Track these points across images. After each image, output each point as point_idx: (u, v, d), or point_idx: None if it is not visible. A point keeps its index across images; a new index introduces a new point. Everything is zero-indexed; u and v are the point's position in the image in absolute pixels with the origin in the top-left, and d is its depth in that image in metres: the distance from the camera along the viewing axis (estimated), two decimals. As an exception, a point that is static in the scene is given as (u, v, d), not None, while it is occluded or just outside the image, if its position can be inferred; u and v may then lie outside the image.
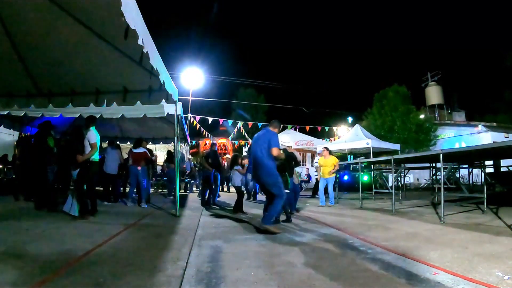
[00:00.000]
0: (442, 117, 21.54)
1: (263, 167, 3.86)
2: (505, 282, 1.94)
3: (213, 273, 2.18)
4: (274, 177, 3.87)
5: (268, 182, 3.89)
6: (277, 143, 3.88)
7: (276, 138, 3.93)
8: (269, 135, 3.96)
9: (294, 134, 15.46)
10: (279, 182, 3.87)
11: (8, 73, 4.49)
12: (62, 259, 2.40)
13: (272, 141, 3.86)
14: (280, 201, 3.82)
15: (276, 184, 3.85)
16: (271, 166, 3.86)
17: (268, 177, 3.87)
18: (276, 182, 3.86)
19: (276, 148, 3.82)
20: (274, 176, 3.87)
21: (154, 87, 4.54)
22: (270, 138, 3.89)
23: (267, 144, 3.85)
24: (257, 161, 3.94)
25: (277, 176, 3.88)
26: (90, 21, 3.32)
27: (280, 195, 3.82)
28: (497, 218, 4.54)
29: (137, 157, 6.29)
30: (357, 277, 2.10)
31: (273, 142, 3.85)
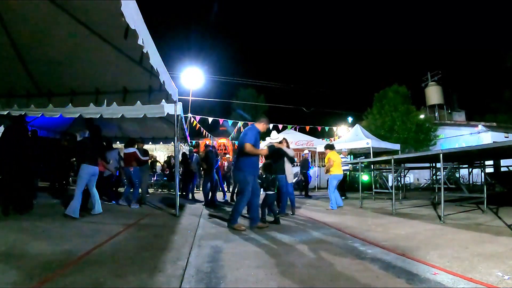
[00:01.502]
0: (442, 117, 21.54)
1: (238, 162, 3.91)
2: (505, 282, 1.94)
3: (213, 273, 2.18)
4: (241, 174, 3.85)
5: (236, 177, 3.94)
6: (250, 138, 3.81)
7: (250, 133, 3.86)
8: (247, 130, 3.95)
9: (294, 134, 15.44)
10: (246, 182, 3.82)
11: (8, 73, 4.49)
12: (62, 259, 2.40)
13: (246, 135, 3.83)
14: (242, 199, 3.81)
15: (240, 180, 3.85)
16: (243, 163, 3.85)
17: (238, 172, 3.90)
18: (241, 179, 3.84)
19: (247, 143, 3.75)
20: (241, 173, 3.85)
21: (154, 87, 4.54)
22: (246, 133, 3.88)
23: (242, 139, 3.86)
24: (237, 156, 4.03)
25: (243, 173, 3.84)
26: (90, 21, 3.32)
27: (242, 193, 3.81)
28: (497, 218, 4.54)
29: (126, 158, 6.26)
30: (357, 277, 2.10)
31: (246, 137, 3.81)
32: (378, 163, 8.91)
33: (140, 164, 6.28)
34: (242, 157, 3.84)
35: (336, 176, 6.23)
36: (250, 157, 3.85)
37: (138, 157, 6.17)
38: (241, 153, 3.83)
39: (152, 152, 14.82)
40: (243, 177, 3.83)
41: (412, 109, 17.91)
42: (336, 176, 6.23)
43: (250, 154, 3.79)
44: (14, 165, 4.31)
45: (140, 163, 6.27)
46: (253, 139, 3.83)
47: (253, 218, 3.93)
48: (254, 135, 3.87)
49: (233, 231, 3.76)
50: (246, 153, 3.77)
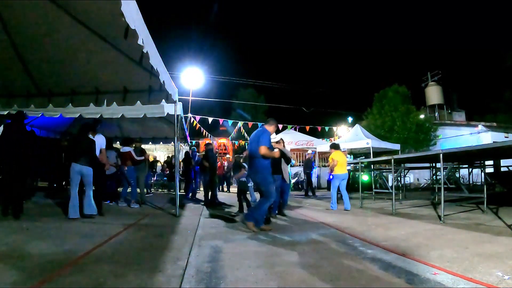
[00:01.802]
0: (442, 117, 21.55)
1: (253, 165, 3.88)
2: (505, 282, 1.94)
3: (213, 273, 2.18)
4: (262, 176, 3.83)
5: (256, 180, 3.89)
6: (266, 141, 3.83)
7: (266, 136, 3.89)
8: (260, 133, 3.94)
9: (294, 134, 15.46)
10: (267, 182, 3.82)
11: (8, 73, 4.49)
12: (62, 259, 2.40)
13: (262, 138, 3.83)
14: (265, 201, 3.79)
15: (263, 183, 3.82)
16: (260, 164, 3.84)
17: (256, 175, 3.88)
18: (264, 181, 3.82)
19: (263, 146, 3.77)
20: (263, 175, 3.83)
21: (154, 87, 4.54)
22: (260, 136, 3.87)
23: (256, 142, 3.85)
24: (250, 159, 3.98)
25: (266, 175, 3.84)
26: (90, 21, 3.32)
27: (267, 195, 3.79)
28: (497, 218, 4.54)
29: (122, 157, 6.24)
30: (357, 277, 2.10)
31: (262, 140, 3.82)
32: (378, 163, 8.90)
33: (134, 163, 6.23)
34: (258, 160, 3.84)
35: (338, 176, 6.13)
36: (265, 159, 3.87)
37: (132, 156, 6.15)
38: (255, 156, 3.85)
39: (152, 152, 14.83)
40: (263, 178, 3.83)
41: (412, 109, 17.92)
42: (339, 176, 6.12)
43: (264, 156, 3.81)
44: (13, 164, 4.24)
45: (135, 163, 6.23)
46: (268, 142, 3.87)
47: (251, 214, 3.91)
48: (268, 138, 3.92)
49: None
50: (262, 156, 3.80)
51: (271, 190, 3.82)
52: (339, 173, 6.12)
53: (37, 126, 7.55)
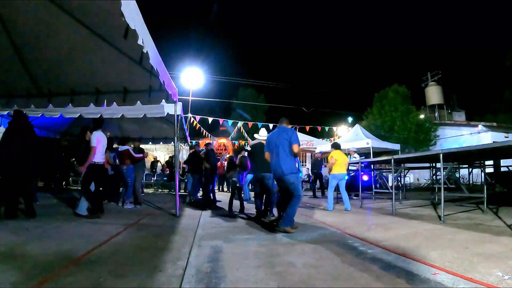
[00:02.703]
0: (442, 117, 21.57)
1: (287, 164, 3.83)
2: (505, 282, 1.94)
3: (213, 273, 2.18)
4: (296, 175, 3.86)
5: (290, 180, 3.82)
6: (298, 140, 3.89)
7: (296, 135, 3.93)
8: (290, 132, 3.94)
9: (294, 134, 15.44)
10: (299, 182, 3.84)
11: (8, 73, 4.49)
12: (62, 259, 2.40)
13: (293, 138, 3.86)
14: (298, 201, 3.80)
15: (295, 183, 3.81)
16: (292, 164, 3.84)
17: (291, 175, 3.83)
18: (296, 181, 3.83)
19: (297, 144, 3.82)
20: (295, 175, 3.85)
21: (154, 87, 4.54)
22: (291, 136, 3.88)
23: (288, 141, 3.84)
24: (279, 158, 3.89)
25: (296, 175, 3.86)
26: (90, 21, 3.32)
27: (298, 195, 3.81)
28: (497, 218, 4.54)
29: (120, 156, 6.21)
30: (357, 277, 2.10)
31: (294, 139, 3.85)
32: (378, 163, 8.90)
33: (133, 162, 6.18)
34: (291, 159, 3.84)
35: (336, 175, 6.10)
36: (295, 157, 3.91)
37: (131, 154, 6.09)
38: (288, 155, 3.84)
39: (152, 152, 14.83)
40: (297, 178, 3.84)
41: (412, 109, 17.93)
42: (337, 176, 6.11)
43: (296, 155, 3.87)
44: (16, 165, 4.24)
45: (134, 161, 6.17)
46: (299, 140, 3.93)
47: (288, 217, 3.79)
48: (297, 136, 3.97)
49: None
50: (296, 154, 3.84)
51: (300, 189, 3.84)
52: (338, 172, 6.09)
53: (37, 126, 7.54)
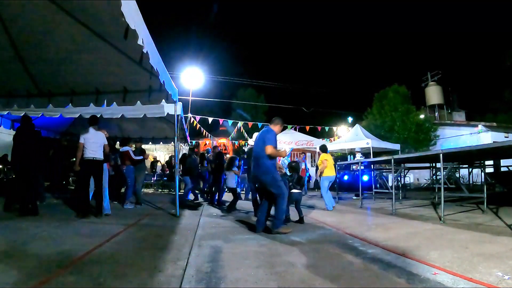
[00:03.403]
0: (442, 117, 21.57)
1: (260, 166, 3.81)
2: (505, 282, 1.94)
3: (213, 273, 2.18)
4: (271, 175, 3.75)
5: (266, 181, 3.79)
6: (272, 141, 3.77)
7: (272, 136, 3.82)
8: (266, 133, 3.88)
9: (294, 134, 15.45)
10: (277, 181, 3.75)
11: (8, 73, 4.49)
12: (62, 259, 2.40)
13: (267, 138, 3.77)
14: (282, 200, 3.72)
15: (274, 183, 3.74)
16: (268, 165, 3.76)
17: (264, 176, 3.79)
18: (274, 181, 3.74)
19: (270, 146, 3.70)
20: (271, 174, 3.76)
21: (154, 87, 4.54)
22: (265, 136, 3.81)
23: (263, 142, 3.78)
24: (255, 160, 3.90)
25: (274, 175, 3.77)
26: (90, 21, 3.32)
27: (280, 193, 3.72)
28: (497, 218, 4.54)
29: (121, 157, 6.29)
30: (357, 277, 2.10)
31: (268, 140, 3.75)
32: (378, 163, 8.90)
33: (133, 163, 6.22)
34: (264, 160, 3.78)
35: (328, 177, 6.36)
36: (272, 159, 3.82)
37: (130, 156, 6.15)
38: (262, 156, 3.78)
39: (152, 152, 14.83)
40: (273, 177, 3.76)
41: (412, 109, 17.91)
42: (328, 178, 6.36)
43: (271, 156, 3.76)
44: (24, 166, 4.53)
45: (133, 162, 6.22)
46: (274, 141, 3.82)
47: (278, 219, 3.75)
48: (274, 137, 3.85)
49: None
50: (269, 155, 3.74)
51: (282, 187, 3.76)
52: (330, 175, 6.37)
53: (37, 126, 7.54)
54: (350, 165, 10.34)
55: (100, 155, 4.73)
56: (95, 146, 4.68)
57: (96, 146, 4.70)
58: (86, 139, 4.65)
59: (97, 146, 4.70)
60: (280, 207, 3.70)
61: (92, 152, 4.65)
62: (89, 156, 4.62)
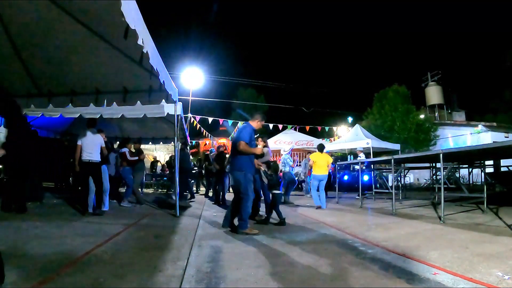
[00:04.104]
0: (442, 117, 21.57)
1: (233, 162, 3.76)
2: (505, 282, 1.94)
3: (213, 273, 2.18)
4: (240, 174, 3.63)
5: (236, 178, 3.68)
6: (245, 136, 3.64)
7: (245, 131, 3.70)
8: (242, 128, 3.81)
9: (294, 134, 15.45)
10: (247, 181, 3.63)
11: (8, 73, 4.49)
12: (62, 259, 2.40)
13: (241, 134, 3.67)
14: (246, 202, 3.61)
15: (241, 181, 3.62)
16: (238, 162, 3.66)
17: (236, 172, 3.68)
18: (241, 179, 3.62)
19: (241, 141, 3.58)
20: (240, 172, 3.63)
21: (154, 87, 4.54)
22: (240, 131, 3.73)
23: (236, 137, 3.72)
24: (230, 156, 3.87)
25: (243, 172, 3.64)
26: (90, 21, 3.32)
27: (245, 195, 3.61)
28: (497, 218, 4.54)
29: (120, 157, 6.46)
30: (357, 277, 2.10)
31: (241, 135, 3.66)
32: (378, 163, 8.90)
33: (129, 164, 6.38)
34: (238, 156, 3.68)
35: (315, 176, 6.44)
36: (246, 155, 3.70)
37: (125, 156, 6.35)
38: (236, 152, 3.68)
39: (152, 152, 14.82)
40: (243, 176, 3.64)
41: (412, 109, 17.92)
42: (315, 176, 6.43)
43: (244, 153, 3.64)
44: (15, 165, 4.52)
45: (129, 163, 6.38)
46: (247, 137, 3.67)
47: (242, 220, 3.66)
48: (248, 133, 3.71)
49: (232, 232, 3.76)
50: (240, 151, 3.63)
51: (247, 188, 3.62)
52: (316, 173, 6.44)
53: (37, 126, 7.54)
54: (350, 165, 10.33)
55: (96, 157, 4.87)
56: (91, 148, 4.84)
57: (93, 148, 4.85)
58: (83, 141, 4.82)
59: (93, 148, 4.85)
60: (245, 208, 3.61)
61: (89, 154, 4.80)
62: (86, 159, 4.79)
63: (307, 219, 4.86)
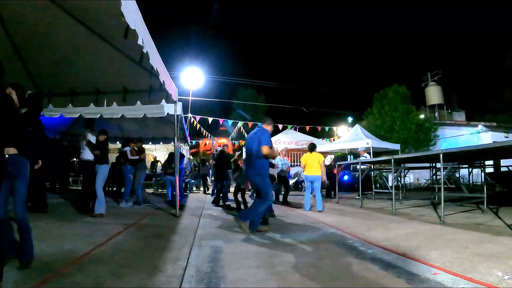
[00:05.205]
0: (442, 117, 21.56)
1: (254, 166, 3.78)
2: (505, 282, 1.94)
3: (213, 273, 2.19)
4: (262, 177, 3.73)
5: (255, 181, 3.78)
6: (267, 141, 3.73)
7: (267, 136, 3.79)
8: (261, 133, 3.83)
9: (294, 134, 15.46)
10: (266, 184, 3.73)
11: (8, 73, 4.46)
12: (62, 259, 2.41)
13: (262, 139, 3.73)
14: (262, 204, 3.69)
15: (262, 184, 3.71)
16: (257, 166, 3.74)
17: (256, 177, 3.77)
18: (261, 183, 3.72)
19: (266, 146, 3.66)
20: (263, 176, 3.73)
21: (154, 87, 4.54)
22: (260, 136, 3.77)
23: (257, 142, 3.74)
24: (248, 160, 3.88)
25: (263, 177, 3.74)
26: (90, 21, 3.32)
27: (264, 197, 3.69)
28: (497, 218, 4.54)
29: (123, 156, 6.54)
30: (357, 277, 2.10)
31: (263, 140, 3.71)
32: (378, 163, 8.90)
33: (130, 163, 6.39)
34: (258, 161, 3.75)
35: (306, 177, 6.28)
36: (265, 160, 3.79)
37: (126, 156, 6.40)
38: (257, 156, 3.74)
39: (152, 152, 14.81)
40: (263, 180, 3.74)
41: (412, 109, 17.91)
42: (306, 177, 6.27)
43: (267, 157, 3.73)
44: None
45: (130, 162, 6.41)
46: (269, 141, 3.78)
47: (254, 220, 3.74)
48: (269, 137, 3.82)
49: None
50: (262, 156, 3.70)
51: (269, 192, 3.74)
52: (307, 174, 6.27)
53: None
54: (350, 165, 10.32)
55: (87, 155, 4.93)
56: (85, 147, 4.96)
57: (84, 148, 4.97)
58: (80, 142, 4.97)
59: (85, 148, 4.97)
60: (258, 209, 3.68)
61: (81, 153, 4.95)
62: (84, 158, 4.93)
63: (307, 219, 4.86)
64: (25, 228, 2.23)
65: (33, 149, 4.15)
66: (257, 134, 3.83)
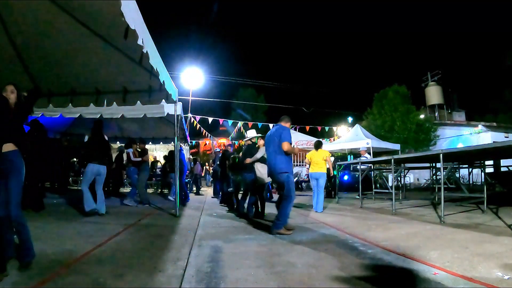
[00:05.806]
0: (442, 117, 21.55)
1: (275, 164, 3.78)
2: (505, 282, 1.94)
3: (213, 273, 2.18)
4: (284, 175, 3.71)
5: (278, 180, 3.77)
6: (288, 137, 3.76)
7: (286, 133, 3.81)
8: (281, 130, 3.84)
9: (294, 134, 15.44)
10: (288, 181, 3.69)
11: (8, 73, 4.48)
12: (62, 259, 2.41)
13: (283, 135, 3.75)
14: (287, 204, 3.66)
15: (285, 182, 3.68)
16: (280, 163, 3.73)
17: (278, 175, 3.76)
18: (286, 181, 3.68)
19: (287, 142, 3.68)
20: (284, 174, 3.72)
21: (154, 87, 4.54)
22: (281, 133, 3.78)
23: (278, 139, 3.75)
24: (270, 158, 3.88)
25: (287, 174, 3.72)
26: (90, 21, 3.32)
27: (288, 196, 3.67)
28: (497, 218, 4.54)
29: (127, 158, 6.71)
30: (357, 277, 2.10)
31: (284, 137, 3.73)
32: (378, 163, 8.90)
33: (133, 164, 6.49)
34: (280, 157, 3.74)
35: (311, 174, 6.19)
36: (287, 156, 3.79)
37: (129, 157, 6.52)
38: (277, 153, 3.74)
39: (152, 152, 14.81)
40: (287, 178, 3.71)
41: (412, 109, 17.92)
42: (311, 175, 6.19)
43: (288, 153, 3.74)
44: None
45: (133, 164, 6.50)
46: (290, 138, 3.79)
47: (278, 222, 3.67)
48: (289, 134, 3.83)
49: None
50: (286, 152, 3.71)
51: (292, 189, 3.71)
52: (311, 171, 6.19)
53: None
54: (350, 165, 10.32)
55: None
56: None
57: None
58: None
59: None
60: (285, 209, 3.66)
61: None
62: None
63: (307, 219, 4.86)
64: (20, 228, 2.21)
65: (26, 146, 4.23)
66: (278, 131, 3.85)
